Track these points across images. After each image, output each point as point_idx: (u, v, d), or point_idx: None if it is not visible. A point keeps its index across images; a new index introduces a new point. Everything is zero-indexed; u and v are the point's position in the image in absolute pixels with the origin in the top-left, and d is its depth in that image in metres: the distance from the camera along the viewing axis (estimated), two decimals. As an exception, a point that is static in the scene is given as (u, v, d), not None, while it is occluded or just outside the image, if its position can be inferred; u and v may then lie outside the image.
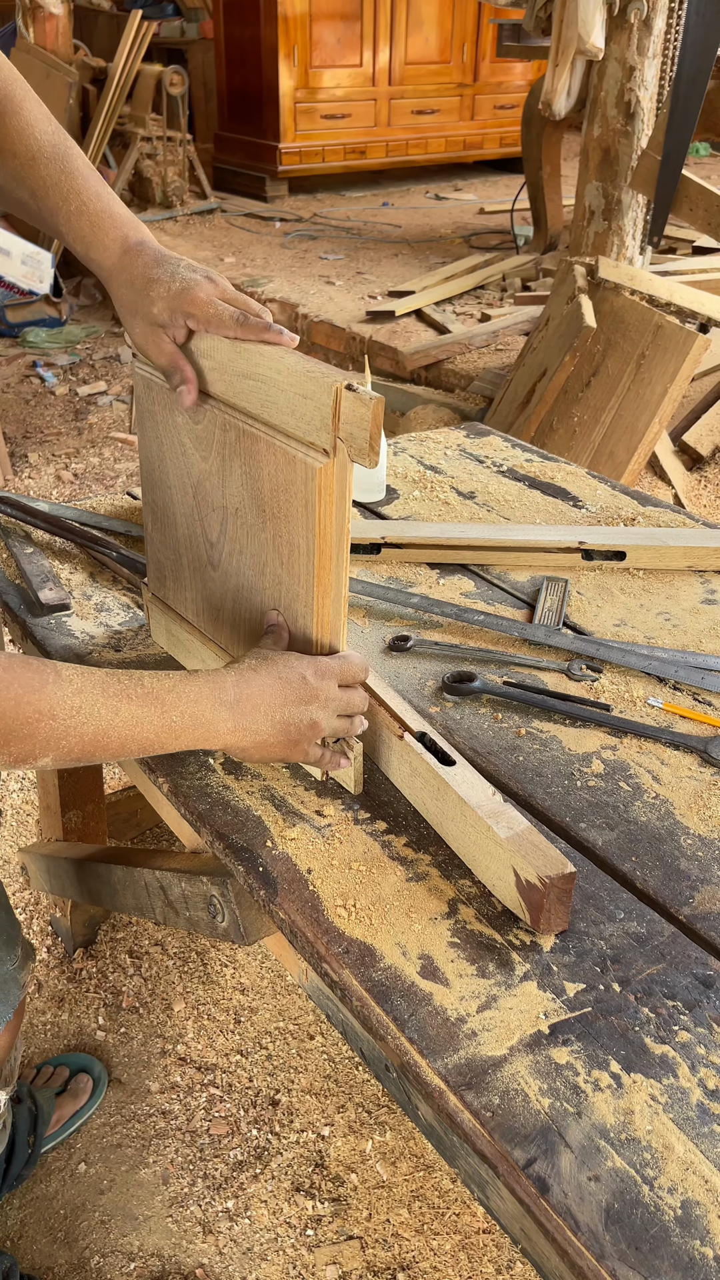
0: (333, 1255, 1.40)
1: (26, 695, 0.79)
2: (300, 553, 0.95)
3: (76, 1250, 1.42)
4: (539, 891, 0.87)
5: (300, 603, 0.98)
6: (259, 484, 0.97)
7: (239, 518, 1.02)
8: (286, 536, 0.96)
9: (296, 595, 0.98)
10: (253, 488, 0.98)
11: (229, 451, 1.00)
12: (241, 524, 1.02)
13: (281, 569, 0.99)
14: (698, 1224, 0.68)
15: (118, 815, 1.96)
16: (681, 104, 3.19)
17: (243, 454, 0.98)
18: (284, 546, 0.97)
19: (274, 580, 1.00)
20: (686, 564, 1.48)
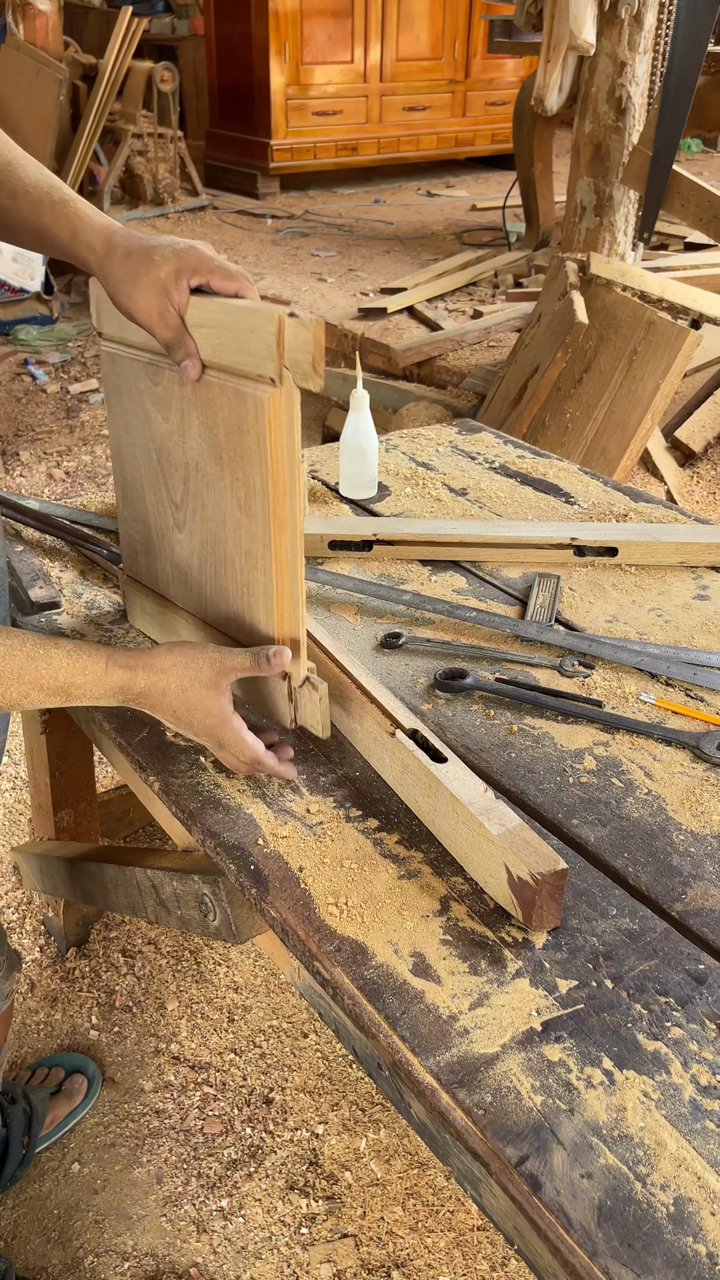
0: (327, 1253, 1.40)
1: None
2: (256, 490, 0.97)
3: (70, 1250, 1.42)
4: (531, 888, 0.86)
5: (259, 543, 0.99)
6: (215, 431, 1.00)
7: (199, 471, 1.04)
8: (243, 478, 0.98)
9: (255, 536, 0.99)
10: (210, 436, 1.01)
11: (187, 406, 1.02)
12: (202, 478, 1.04)
13: (240, 513, 1.00)
14: (690, 1221, 0.68)
15: (110, 814, 1.95)
16: (672, 100, 3.19)
17: (199, 404, 1.00)
18: (241, 489, 0.99)
19: (234, 527, 1.02)
20: (678, 560, 1.48)
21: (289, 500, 0.97)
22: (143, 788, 1.22)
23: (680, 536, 1.48)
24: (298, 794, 1.04)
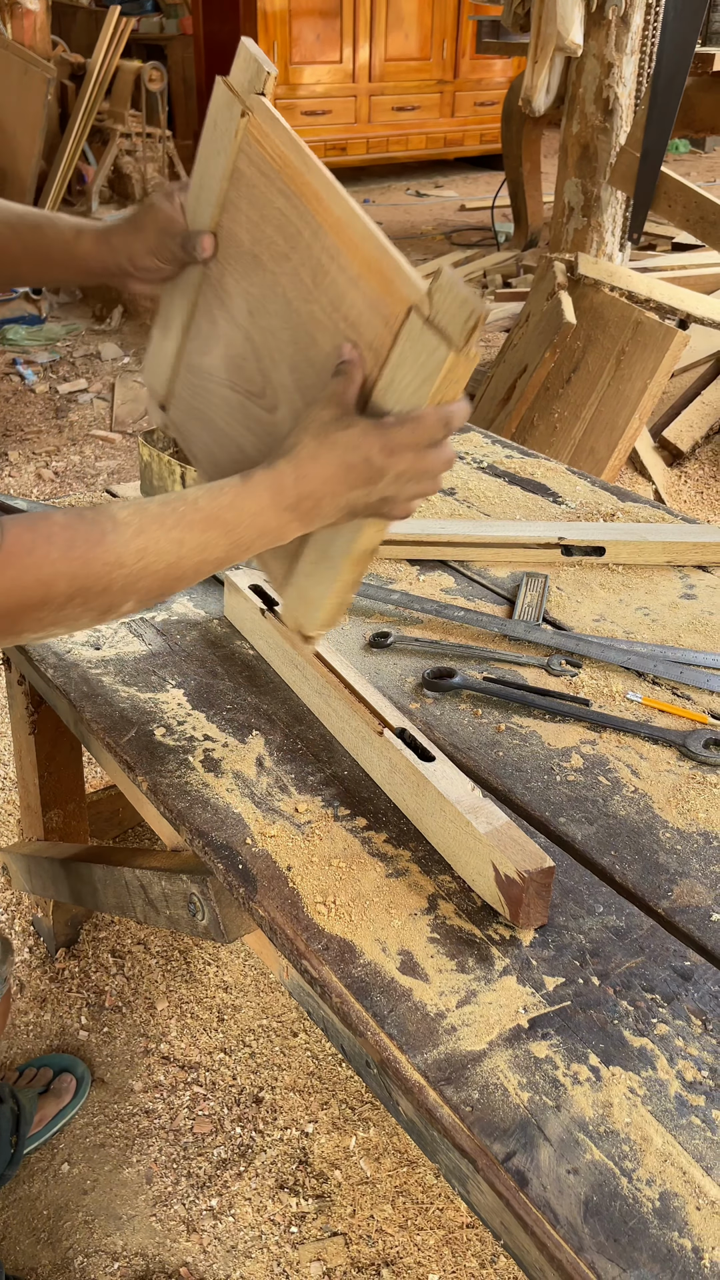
0: (317, 1252, 1.40)
1: (91, 550, 0.78)
2: (302, 231, 0.88)
3: (60, 1251, 1.42)
4: (518, 886, 0.87)
5: (340, 274, 0.86)
6: (242, 248, 0.95)
7: (261, 325, 0.95)
8: (285, 247, 0.90)
9: (326, 272, 0.87)
10: (246, 271, 0.95)
11: (218, 290, 0.99)
12: (265, 328, 0.95)
13: (309, 280, 0.89)
14: (675, 1215, 0.68)
15: (99, 814, 1.95)
16: (660, 100, 3.20)
17: (227, 264, 0.97)
18: (295, 261, 0.90)
19: (307, 309, 0.90)
20: (665, 559, 1.49)
21: (332, 197, 0.87)
22: (131, 788, 1.22)
23: (667, 536, 1.49)
24: (286, 793, 1.04)
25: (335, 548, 0.91)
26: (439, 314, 0.78)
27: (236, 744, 1.11)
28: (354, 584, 0.93)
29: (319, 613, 0.94)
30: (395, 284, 0.82)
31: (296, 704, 1.17)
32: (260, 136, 0.92)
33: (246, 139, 0.93)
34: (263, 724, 1.14)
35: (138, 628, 1.31)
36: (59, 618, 0.79)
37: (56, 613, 0.78)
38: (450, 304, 0.77)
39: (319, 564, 0.93)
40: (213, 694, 1.19)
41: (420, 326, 0.79)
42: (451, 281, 0.77)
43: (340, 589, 0.92)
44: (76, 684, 1.21)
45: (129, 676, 1.22)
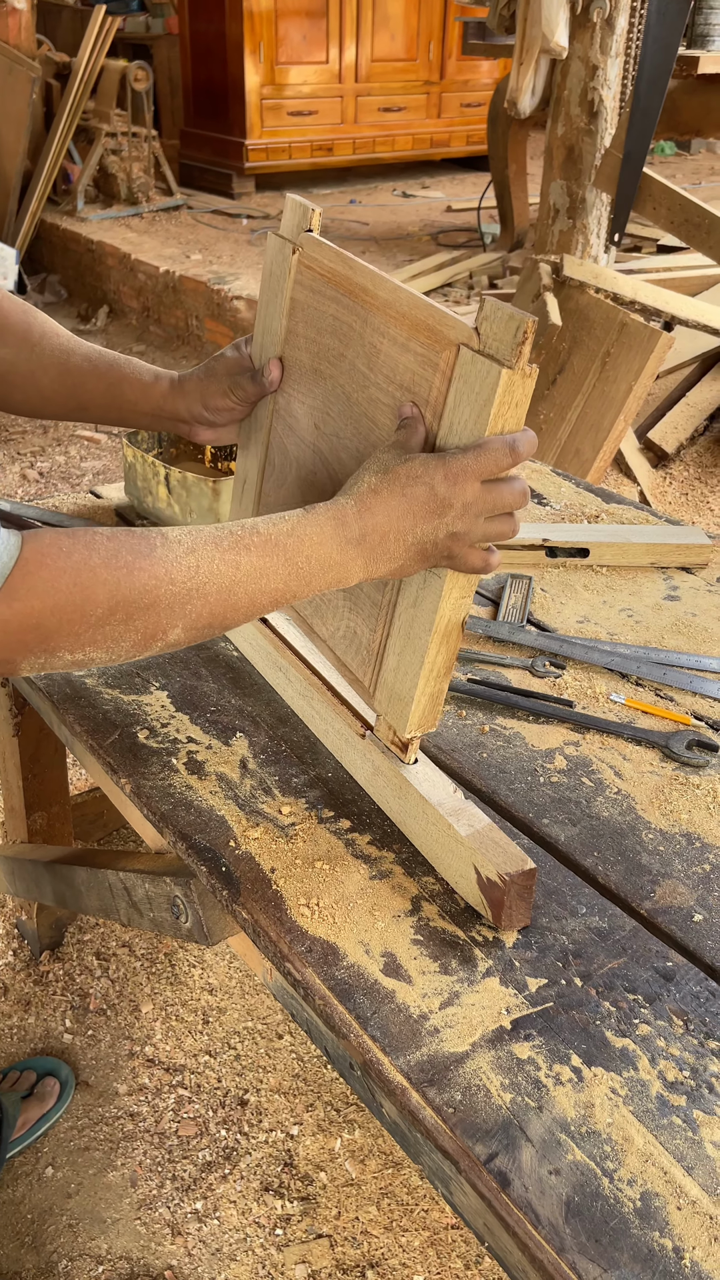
0: (302, 1254, 1.40)
1: (138, 561, 0.73)
2: (354, 325, 0.93)
3: (44, 1254, 1.41)
4: (499, 889, 0.87)
5: (390, 345, 0.89)
6: (304, 369, 1.01)
7: (326, 433, 0.99)
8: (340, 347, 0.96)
9: (379, 350, 0.91)
10: (309, 388, 1.01)
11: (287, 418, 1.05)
12: (330, 434, 0.99)
13: (364, 367, 0.93)
14: (657, 1215, 0.69)
15: (83, 817, 1.95)
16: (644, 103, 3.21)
17: (293, 389, 1.03)
18: (350, 355, 0.94)
19: (365, 394, 0.93)
20: (649, 560, 1.49)
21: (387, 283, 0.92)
22: (114, 790, 1.22)
23: (651, 537, 1.49)
24: (269, 795, 1.04)
25: (419, 625, 0.90)
26: (488, 341, 0.80)
27: (220, 746, 1.11)
28: (445, 670, 0.91)
29: (412, 709, 0.93)
30: (441, 331, 0.84)
31: (280, 706, 1.17)
32: (310, 263, 1.00)
33: (299, 270, 1.01)
34: (247, 726, 1.14)
35: (121, 629, 1.31)
36: (97, 636, 0.73)
37: (95, 629, 0.73)
38: (497, 327, 0.79)
39: (405, 651, 0.92)
40: (196, 696, 1.19)
41: (471, 357, 0.80)
42: (495, 306, 0.79)
43: (431, 675, 0.91)
44: (59, 686, 1.20)
45: (112, 678, 1.22)
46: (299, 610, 1.08)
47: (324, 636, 1.04)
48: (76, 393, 1.06)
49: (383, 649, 0.95)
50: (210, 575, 0.76)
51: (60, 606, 0.71)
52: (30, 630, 0.71)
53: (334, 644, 1.03)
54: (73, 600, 0.71)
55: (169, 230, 5.79)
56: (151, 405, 1.06)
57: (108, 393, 1.06)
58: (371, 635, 0.96)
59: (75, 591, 0.71)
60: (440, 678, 0.92)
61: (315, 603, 1.04)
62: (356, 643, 0.98)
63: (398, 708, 0.94)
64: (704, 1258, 0.66)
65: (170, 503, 1.48)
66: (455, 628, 0.90)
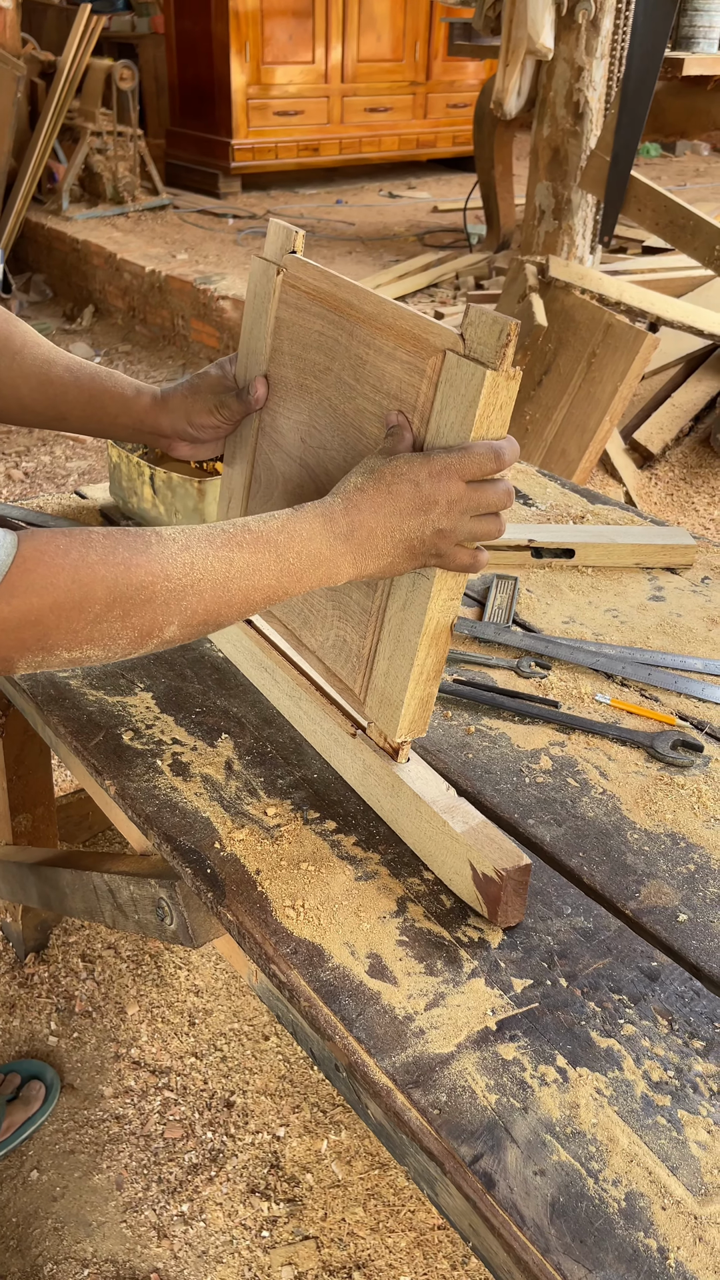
0: (288, 1256, 1.40)
1: (134, 558, 0.75)
2: (339, 339, 0.95)
3: (29, 1258, 1.41)
4: (496, 884, 0.87)
5: (376, 356, 0.91)
6: (290, 385, 1.02)
7: (312, 445, 1.00)
8: (325, 361, 0.97)
9: (365, 361, 0.92)
10: (295, 403, 1.02)
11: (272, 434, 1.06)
12: (317, 447, 1.00)
13: (350, 379, 0.94)
14: (641, 1216, 0.69)
15: (68, 819, 1.94)
16: (629, 104, 3.22)
17: (279, 406, 1.04)
18: (336, 368, 0.96)
19: (352, 405, 0.95)
20: (634, 561, 1.49)
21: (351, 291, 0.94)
22: (99, 791, 1.21)
23: (636, 538, 1.50)
24: (255, 797, 1.04)
25: (408, 628, 0.91)
26: (472, 345, 0.82)
27: (205, 747, 1.11)
28: (435, 673, 0.92)
29: (403, 713, 0.93)
30: (427, 338, 0.86)
31: (266, 707, 1.17)
32: (294, 282, 1.01)
33: (284, 289, 1.02)
34: (232, 727, 1.14)
35: (106, 630, 1.31)
36: (95, 633, 0.74)
37: (93, 625, 0.74)
38: (481, 331, 0.81)
39: (395, 654, 0.93)
40: (181, 697, 1.18)
41: (457, 361, 0.82)
42: (478, 312, 0.81)
43: (420, 679, 0.92)
44: (44, 687, 1.20)
45: (97, 679, 1.21)
46: (287, 624, 1.09)
47: (313, 648, 1.05)
48: (57, 403, 1.06)
49: (373, 655, 0.96)
50: (205, 572, 0.78)
51: (59, 603, 0.72)
52: (29, 627, 0.72)
53: (323, 654, 1.03)
54: (71, 597, 0.72)
55: (155, 230, 5.78)
56: (132, 419, 1.06)
57: (88, 404, 1.06)
58: (361, 642, 0.96)
59: (74, 588, 0.72)
60: (430, 681, 0.93)
61: (304, 614, 1.05)
62: (346, 651, 0.99)
63: (388, 712, 0.95)
64: (688, 1258, 0.67)
65: (155, 503, 1.48)
66: (444, 630, 0.90)
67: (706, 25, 3.43)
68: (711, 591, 1.45)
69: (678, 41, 3.47)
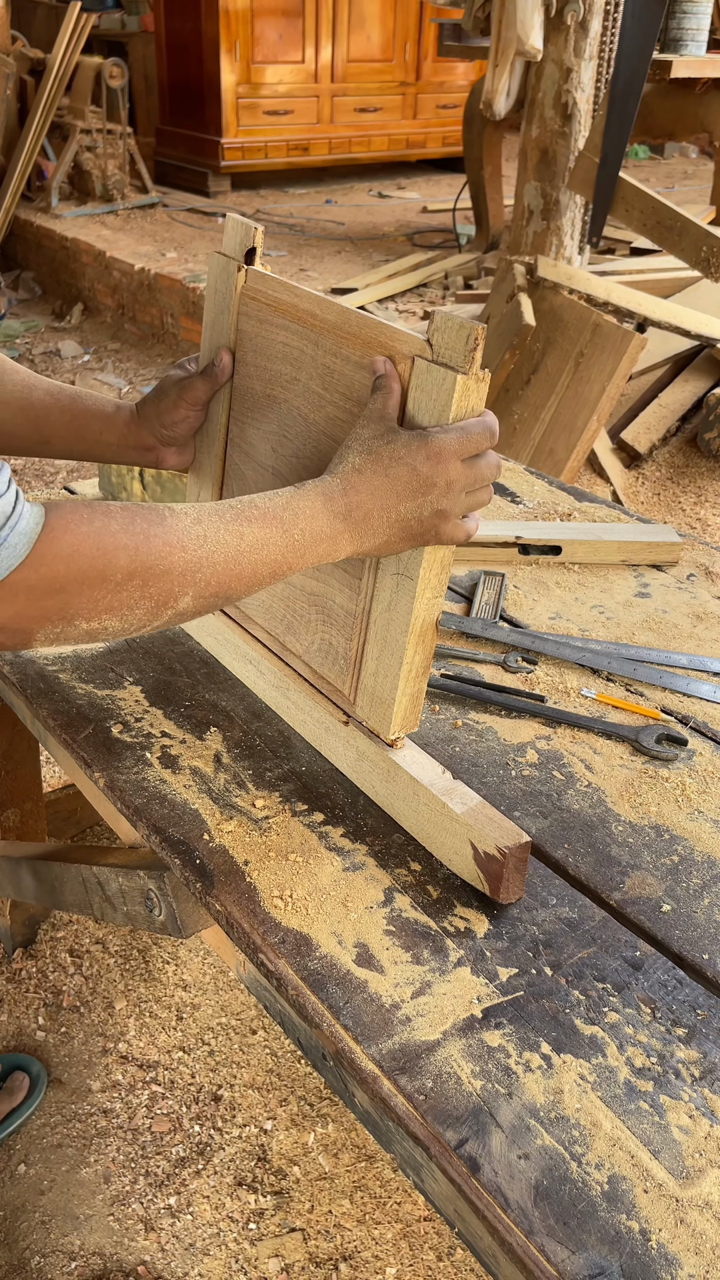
0: (275, 1248, 1.40)
1: (152, 529, 0.77)
2: (305, 349, 0.95)
3: (16, 1251, 1.41)
4: (498, 862, 0.88)
5: (344, 364, 0.92)
6: (256, 397, 1.03)
7: (284, 455, 1.02)
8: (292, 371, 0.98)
9: (333, 370, 0.93)
10: (264, 413, 1.02)
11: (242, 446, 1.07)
12: (289, 456, 1.01)
13: (319, 388, 0.95)
14: (624, 1198, 0.70)
15: (57, 813, 1.94)
16: (618, 106, 3.24)
17: (246, 418, 1.05)
18: (304, 378, 0.97)
19: (323, 414, 0.96)
20: (620, 558, 1.51)
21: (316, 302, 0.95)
22: (88, 784, 1.22)
23: (622, 535, 1.51)
24: (243, 789, 1.05)
25: (394, 628, 0.92)
26: (440, 350, 0.83)
27: (194, 740, 1.11)
28: (424, 669, 0.94)
29: (394, 711, 0.95)
30: (394, 345, 0.88)
31: (254, 700, 1.18)
32: (254, 294, 1.02)
33: (244, 301, 1.03)
34: (221, 720, 1.14)
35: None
36: (114, 602, 0.76)
37: (113, 594, 0.76)
38: (448, 336, 0.82)
39: (383, 654, 0.94)
40: (170, 690, 1.19)
41: (426, 366, 0.84)
42: (444, 317, 0.83)
43: (410, 676, 0.94)
44: (33, 680, 1.20)
45: (86, 673, 1.22)
46: (270, 630, 1.10)
47: (298, 652, 1.06)
48: (40, 426, 1.07)
49: (360, 656, 0.97)
50: (217, 544, 0.80)
51: (84, 571, 0.74)
52: (53, 595, 0.73)
53: (310, 658, 1.05)
54: (95, 565, 0.74)
55: (144, 228, 5.78)
56: (116, 435, 1.08)
57: (71, 424, 1.07)
58: (348, 644, 0.98)
59: (98, 556, 0.74)
60: (419, 677, 0.94)
61: (287, 620, 1.06)
62: (333, 654, 1.00)
63: (380, 711, 0.97)
64: (670, 1239, 0.68)
65: (145, 499, 1.48)
66: (430, 627, 0.92)
67: (694, 28, 3.45)
68: (696, 588, 1.46)
69: (666, 44, 3.50)
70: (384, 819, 1.02)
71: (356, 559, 0.95)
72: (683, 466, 3.57)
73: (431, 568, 0.89)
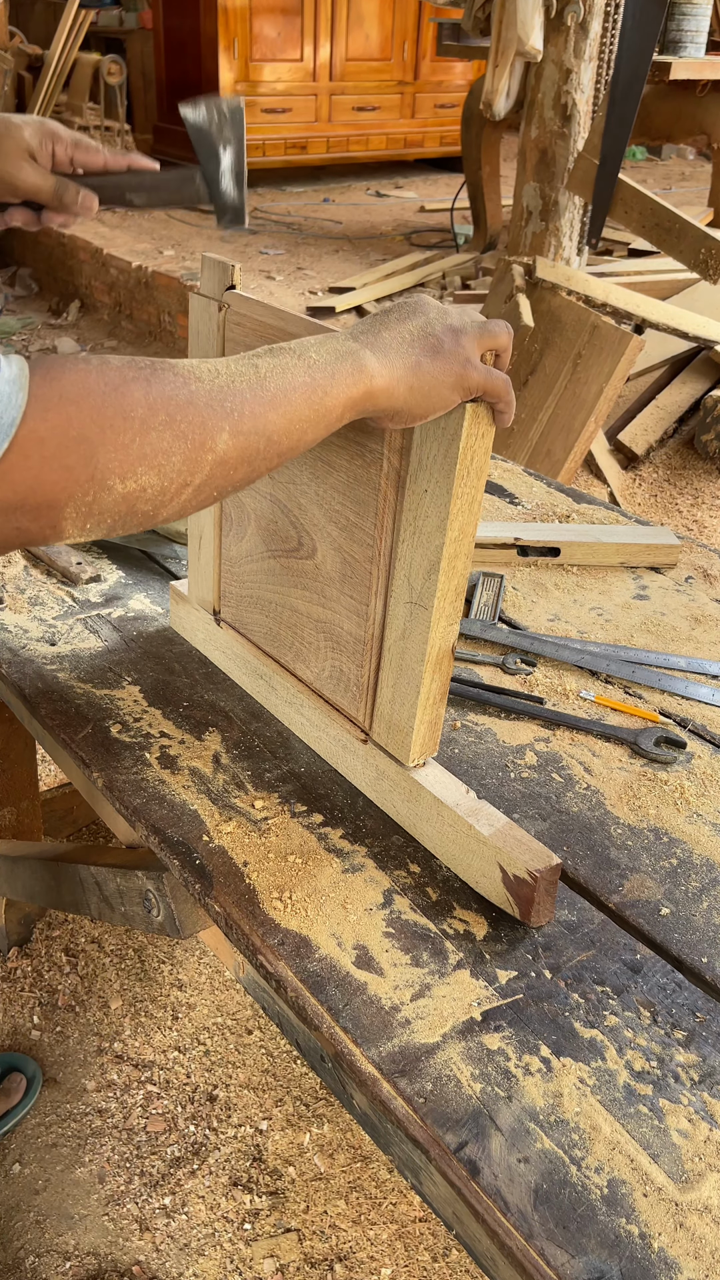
0: (270, 1248, 1.40)
1: (157, 364, 0.69)
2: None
3: (11, 1251, 1.41)
4: (529, 886, 0.87)
5: None
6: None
7: (281, 480, 1.01)
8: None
9: None
10: None
11: None
12: (285, 482, 1.00)
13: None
14: (623, 1202, 0.70)
15: (53, 812, 1.94)
16: (618, 107, 3.24)
17: None
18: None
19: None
20: (619, 560, 1.51)
21: None
22: (86, 784, 1.22)
23: (621, 537, 1.51)
24: (242, 789, 1.05)
25: (410, 656, 0.92)
26: None
27: (193, 740, 1.11)
28: (441, 695, 0.93)
29: (413, 738, 0.95)
30: None
31: (253, 702, 1.17)
32: (239, 320, 1.00)
33: (229, 327, 1.01)
34: (219, 721, 1.14)
35: (94, 624, 1.31)
36: (145, 448, 0.65)
37: (141, 436, 0.65)
38: None
39: (399, 682, 0.94)
40: (169, 690, 1.19)
41: None
42: None
43: (427, 703, 0.93)
44: (31, 680, 1.20)
45: (85, 673, 1.21)
46: (279, 659, 1.10)
47: (308, 680, 1.06)
48: None
49: (374, 683, 0.97)
50: (233, 375, 0.71)
51: (99, 409, 0.64)
52: (74, 445, 0.63)
53: (320, 686, 1.05)
54: (110, 402, 0.64)
55: (142, 225, 5.77)
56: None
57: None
58: (359, 671, 0.97)
59: (109, 392, 0.64)
60: (436, 704, 0.94)
61: (295, 648, 1.06)
62: (345, 681, 1.00)
63: (398, 738, 0.96)
64: (669, 1243, 0.68)
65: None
66: (446, 654, 0.92)
67: (694, 30, 3.45)
68: (695, 591, 1.46)
69: (665, 45, 3.50)
70: (383, 821, 1.02)
71: (362, 572, 0.94)
72: (680, 468, 3.57)
73: (445, 595, 0.89)
